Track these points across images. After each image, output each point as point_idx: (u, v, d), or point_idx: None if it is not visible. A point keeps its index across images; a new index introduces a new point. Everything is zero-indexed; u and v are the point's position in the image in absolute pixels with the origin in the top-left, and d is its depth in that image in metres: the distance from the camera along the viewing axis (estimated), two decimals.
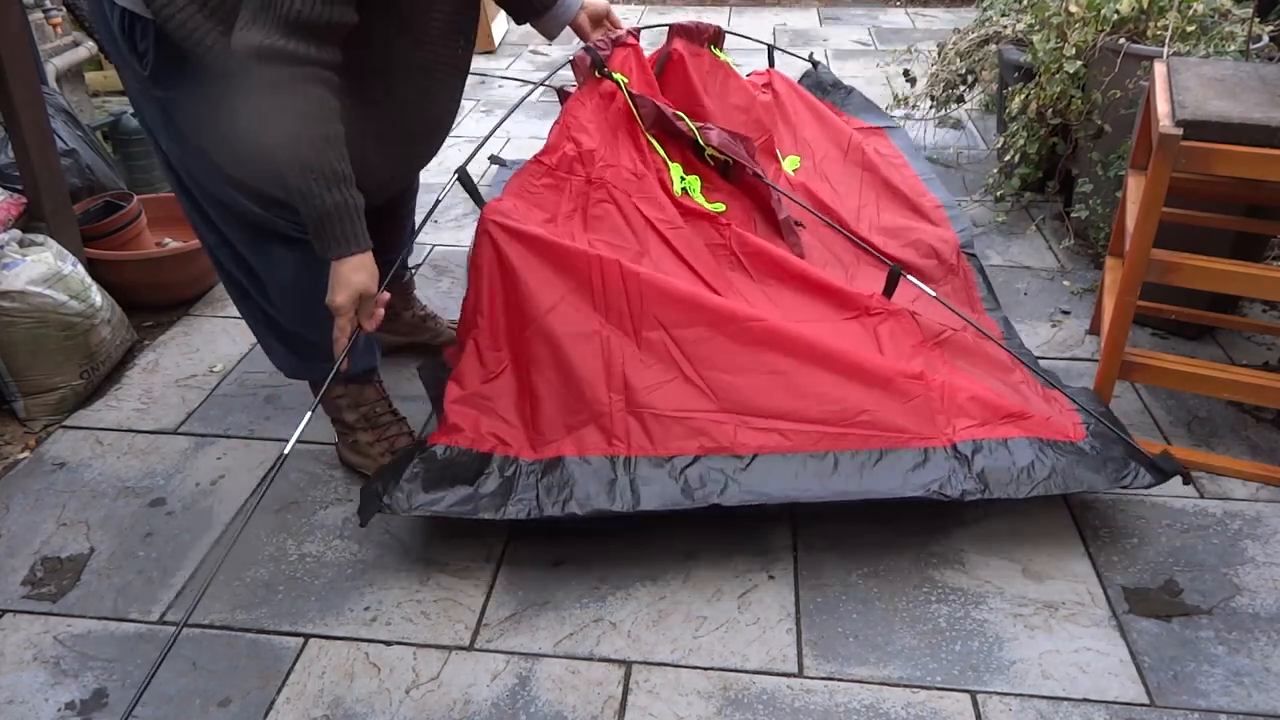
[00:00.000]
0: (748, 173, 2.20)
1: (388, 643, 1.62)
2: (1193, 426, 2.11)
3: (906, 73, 3.57)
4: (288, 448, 1.45)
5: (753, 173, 2.19)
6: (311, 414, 1.50)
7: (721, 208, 2.15)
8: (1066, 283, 2.69)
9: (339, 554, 1.80)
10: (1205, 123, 1.75)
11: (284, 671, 1.57)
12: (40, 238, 2.24)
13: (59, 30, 3.25)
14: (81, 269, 2.27)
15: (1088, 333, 2.46)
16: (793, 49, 4.90)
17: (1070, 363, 2.33)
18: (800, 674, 1.55)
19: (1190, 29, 2.51)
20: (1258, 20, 2.48)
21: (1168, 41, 2.31)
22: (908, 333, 1.98)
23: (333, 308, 1.54)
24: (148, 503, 1.94)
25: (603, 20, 2.06)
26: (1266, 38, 2.48)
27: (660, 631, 1.63)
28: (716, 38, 2.51)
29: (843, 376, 1.80)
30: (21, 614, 1.69)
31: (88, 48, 3.35)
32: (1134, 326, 2.24)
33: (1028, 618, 1.64)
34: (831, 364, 1.81)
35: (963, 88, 3.41)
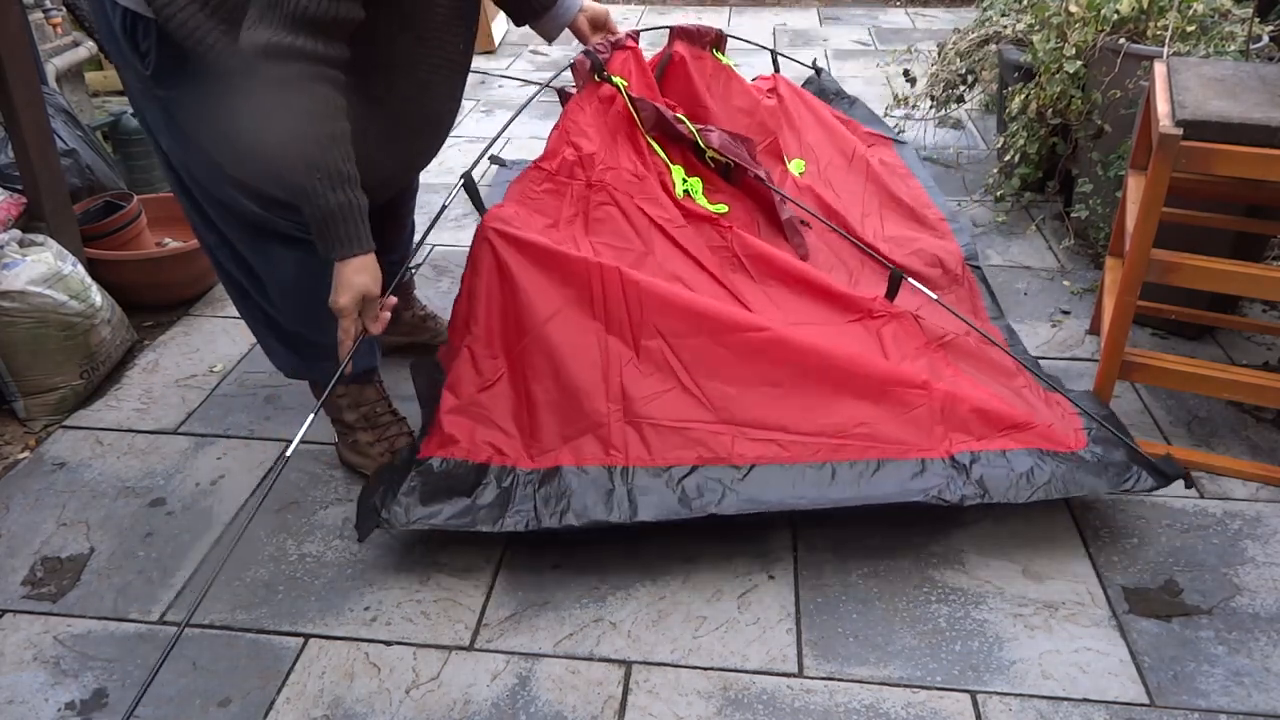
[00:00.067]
0: (749, 175, 2.20)
1: (388, 643, 1.62)
2: (1193, 426, 2.11)
3: (906, 73, 3.57)
4: (290, 450, 1.45)
5: (754, 175, 2.19)
6: (315, 416, 1.50)
7: (724, 209, 2.15)
8: (1066, 283, 2.69)
9: (339, 554, 1.80)
10: (1205, 123, 1.75)
11: (284, 671, 1.57)
12: (40, 238, 2.24)
13: (59, 30, 3.25)
14: (81, 269, 2.27)
15: (1088, 333, 2.46)
16: (793, 49, 4.92)
17: (1070, 363, 2.33)
18: (800, 674, 1.55)
19: (1190, 29, 2.51)
20: (1258, 20, 2.48)
21: (1168, 41, 2.31)
22: (911, 335, 1.98)
23: (336, 309, 1.54)
24: (148, 503, 1.94)
25: (602, 24, 2.06)
26: (1266, 38, 2.48)
27: (660, 631, 1.63)
28: (718, 41, 2.51)
29: (842, 388, 1.79)
30: (21, 614, 1.69)
31: (88, 48, 3.35)
32: (1134, 326, 2.24)
33: (1028, 618, 1.64)
34: (830, 375, 1.80)
35: (963, 88, 3.41)
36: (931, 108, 3.49)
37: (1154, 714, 1.48)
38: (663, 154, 2.12)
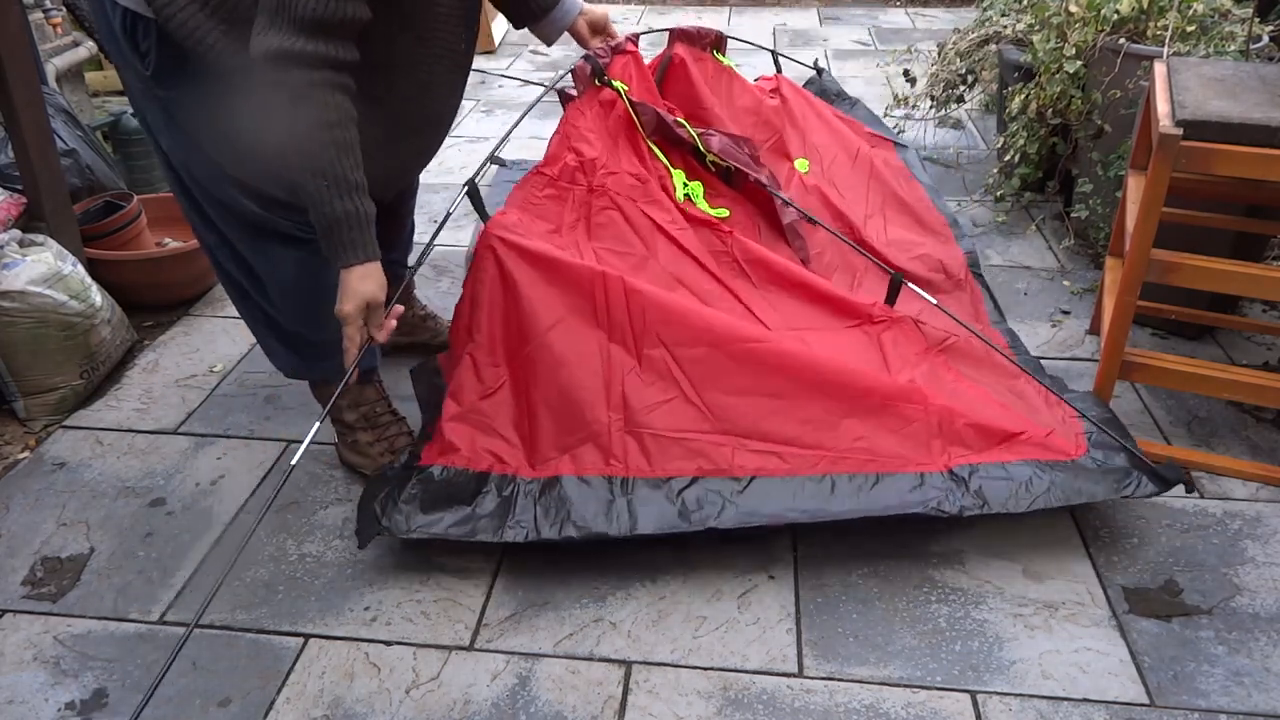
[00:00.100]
0: (750, 179, 2.20)
1: (388, 643, 1.62)
2: (1193, 426, 2.11)
3: (906, 73, 3.57)
4: (295, 459, 1.45)
5: (754, 179, 2.19)
6: (320, 424, 1.49)
7: (725, 213, 2.15)
8: (1066, 283, 2.69)
9: (339, 554, 1.80)
10: (1205, 123, 1.75)
11: (284, 671, 1.57)
12: (40, 238, 2.24)
13: (59, 30, 3.25)
14: (81, 269, 2.27)
15: (1088, 333, 2.46)
16: (793, 49, 4.92)
17: (1070, 363, 2.33)
18: (800, 674, 1.55)
19: (1190, 29, 2.51)
20: (1258, 20, 2.48)
21: (1168, 41, 2.31)
22: (911, 340, 1.98)
23: (341, 317, 1.54)
24: (148, 503, 1.94)
25: (602, 28, 2.06)
26: (1266, 38, 2.48)
27: (660, 631, 1.63)
28: (718, 43, 2.51)
29: (842, 400, 1.79)
30: (21, 614, 1.69)
31: (88, 48, 3.35)
32: (1134, 326, 2.24)
33: (1028, 618, 1.64)
34: (831, 387, 1.80)
35: (963, 88, 3.41)
36: (931, 108, 3.49)
37: (1154, 714, 1.48)
38: (664, 158, 2.12)
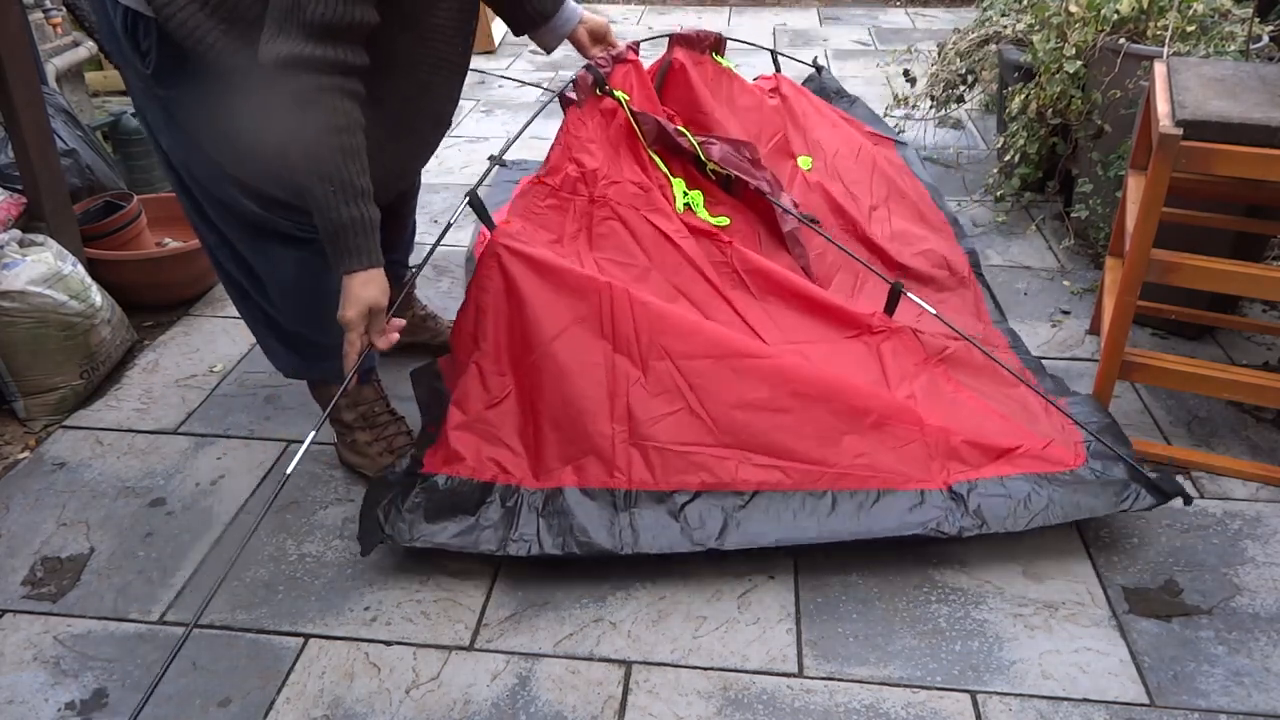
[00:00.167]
0: (751, 187, 2.20)
1: (388, 643, 1.62)
2: (1193, 426, 2.11)
3: (906, 73, 3.57)
4: (290, 468, 1.45)
5: (754, 188, 2.19)
6: (315, 434, 1.48)
7: (725, 221, 2.15)
8: (1066, 283, 2.69)
9: (339, 554, 1.80)
10: (1205, 123, 1.75)
11: (284, 671, 1.57)
12: (40, 238, 2.24)
13: (59, 30, 3.25)
14: (81, 269, 2.27)
15: (1088, 333, 2.46)
16: (793, 49, 4.92)
17: (1070, 363, 2.33)
18: (800, 674, 1.55)
19: (1190, 29, 2.51)
20: (1258, 20, 2.48)
21: (1168, 41, 2.31)
22: (910, 351, 1.98)
23: (343, 322, 1.54)
24: (148, 503, 1.94)
25: (602, 37, 2.06)
26: (1266, 38, 2.48)
27: (660, 631, 1.63)
28: (718, 45, 2.51)
29: (844, 417, 1.79)
30: (21, 614, 1.69)
31: (88, 48, 3.36)
32: (1134, 326, 2.24)
33: (1028, 618, 1.64)
34: (832, 404, 1.80)
35: (963, 88, 3.41)
36: (931, 108, 3.49)
37: (1154, 714, 1.48)
38: (664, 167, 2.12)
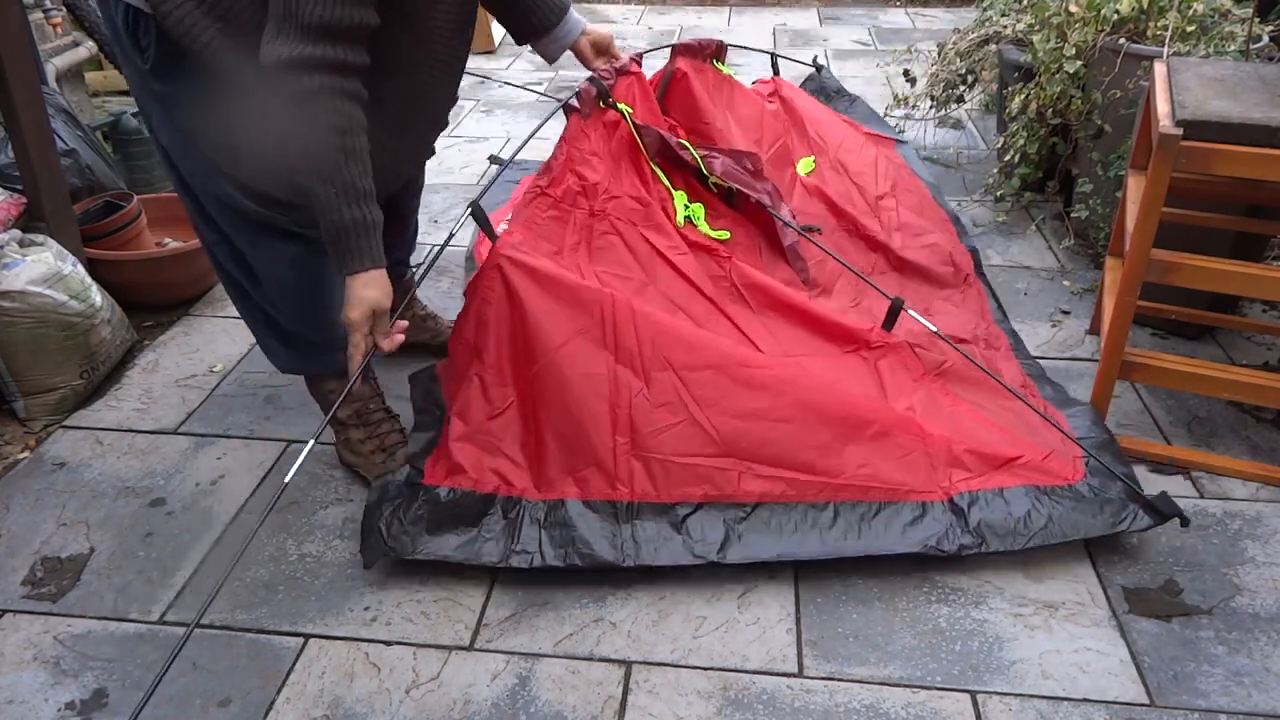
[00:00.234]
0: (752, 199, 2.20)
1: (388, 643, 1.62)
2: (1193, 426, 2.11)
3: (906, 73, 3.57)
4: (289, 476, 1.45)
5: (756, 201, 2.19)
6: (313, 442, 1.48)
7: (726, 235, 2.15)
8: (1066, 283, 2.69)
9: (339, 554, 1.80)
10: (1205, 123, 1.75)
11: (284, 671, 1.57)
12: (40, 238, 2.24)
13: (59, 30, 3.25)
14: (81, 269, 2.27)
15: (1088, 333, 2.46)
16: (793, 49, 4.92)
17: (1070, 363, 2.33)
18: (800, 674, 1.55)
19: (1190, 29, 2.51)
20: (1258, 20, 2.48)
21: (1168, 41, 2.31)
22: (908, 366, 1.98)
23: (347, 324, 1.55)
24: (148, 503, 1.94)
25: (605, 49, 2.06)
26: (1266, 38, 2.48)
27: (660, 631, 1.63)
28: (719, 52, 2.51)
29: (845, 427, 1.79)
30: (21, 614, 1.69)
31: (88, 48, 3.36)
32: (1134, 326, 2.24)
33: (1028, 618, 1.64)
34: (834, 414, 1.80)
35: (963, 88, 3.41)
36: (931, 108, 3.49)
37: (1154, 714, 1.48)
38: (666, 180, 2.12)
